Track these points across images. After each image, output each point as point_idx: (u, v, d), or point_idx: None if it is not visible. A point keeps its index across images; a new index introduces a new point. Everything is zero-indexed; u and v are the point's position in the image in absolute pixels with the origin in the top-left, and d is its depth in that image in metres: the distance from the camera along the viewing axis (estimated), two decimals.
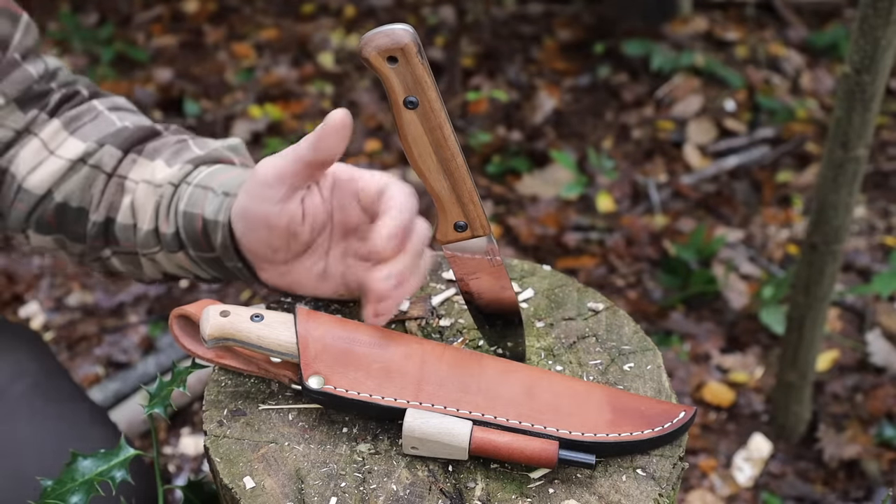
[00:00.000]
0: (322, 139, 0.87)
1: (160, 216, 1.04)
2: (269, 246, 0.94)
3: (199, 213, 1.00)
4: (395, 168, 3.06)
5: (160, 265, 1.09)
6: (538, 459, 0.81)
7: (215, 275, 1.07)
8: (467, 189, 0.85)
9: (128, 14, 4.00)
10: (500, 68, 3.60)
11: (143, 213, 1.05)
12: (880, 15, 1.54)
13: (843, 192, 1.76)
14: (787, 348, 2.02)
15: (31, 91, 1.09)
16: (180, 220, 1.02)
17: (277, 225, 0.92)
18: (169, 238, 1.04)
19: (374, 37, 0.79)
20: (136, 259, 1.10)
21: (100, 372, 2.35)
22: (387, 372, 0.86)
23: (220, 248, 1.00)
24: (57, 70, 1.15)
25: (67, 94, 1.12)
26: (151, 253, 1.07)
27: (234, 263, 1.01)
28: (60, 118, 1.09)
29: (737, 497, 2.04)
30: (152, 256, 1.08)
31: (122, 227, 1.07)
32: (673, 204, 2.93)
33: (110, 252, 1.11)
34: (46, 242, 1.12)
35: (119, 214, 1.07)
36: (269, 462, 0.84)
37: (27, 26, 1.10)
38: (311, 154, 0.88)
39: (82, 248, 1.12)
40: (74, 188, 1.07)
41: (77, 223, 1.09)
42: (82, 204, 1.07)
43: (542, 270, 1.09)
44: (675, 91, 3.40)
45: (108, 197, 1.07)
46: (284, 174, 0.89)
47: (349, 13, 4.03)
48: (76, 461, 0.94)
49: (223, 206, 0.98)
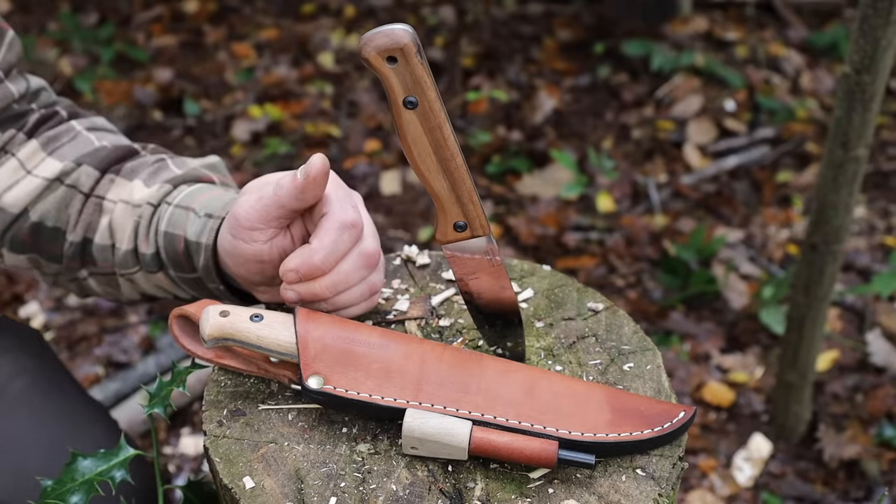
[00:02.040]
0: (304, 191, 0.89)
1: (139, 236, 1.04)
2: (262, 275, 0.96)
3: (180, 234, 1.01)
4: (395, 168, 3.06)
5: (138, 286, 1.09)
6: (538, 459, 0.81)
7: (195, 294, 1.07)
8: (467, 189, 0.85)
9: (128, 14, 4.00)
10: (500, 68, 3.60)
11: (122, 233, 1.05)
12: (880, 15, 1.54)
13: (843, 192, 1.76)
14: (787, 348, 2.02)
15: (10, 110, 1.09)
16: (161, 241, 1.02)
17: (270, 259, 0.94)
18: (148, 258, 1.04)
19: (373, 37, 0.79)
20: (114, 280, 1.10)
21: (100, 372, 2.35)
22: (386, 372, 0.86)
23: (202, 270, 1.00)
24: (39, 90, 1.15)
25: (46, 114, 1.12)
26: (129, 273, 1.07)
27: (215, 286, 1.02)
28: (38, 139, 1.09)
29: (737, 497, 2.04)
30: (130, 277, 1.08)
31: (100, 248, 1.07)
32: (673, 204, 2.93)
33: (87, 273, 1.11)
34: (20, 262, 1.12)
35: (97, 235, 1.07)
36: (269, 462, 0.84)
37: (11, 43, 1.09)
38: (294, 203, 0.90)
39: (58, 268, 1.12)
40: (50, 208, 1.07)
41: (53, 243, 1.08)
42: (58, 224, 1.07)
43: (541, 270, 1.09)
44: (675, 91, 3.40)
45: (86, 217, 1.07)
46: (268, 218, 0.91)
47: (349, 13, 4.03)
48: (76, 461, 0.94)
49: (206, 229, 0.99)
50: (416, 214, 2.88)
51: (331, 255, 0.91)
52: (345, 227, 0.91)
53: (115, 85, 3.48)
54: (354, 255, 0.93)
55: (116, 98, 3.42)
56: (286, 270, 0.91)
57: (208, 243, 0.98)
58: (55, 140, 1.10)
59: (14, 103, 1.10)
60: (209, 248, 0.98)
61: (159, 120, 3.35)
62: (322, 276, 0.91)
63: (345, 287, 0.94)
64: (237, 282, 1.02)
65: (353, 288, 0.95)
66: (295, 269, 0.90)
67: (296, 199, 0.90)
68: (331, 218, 0.91)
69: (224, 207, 0.99)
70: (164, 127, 3.31)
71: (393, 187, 2.99)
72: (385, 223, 2.85)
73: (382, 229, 2.81)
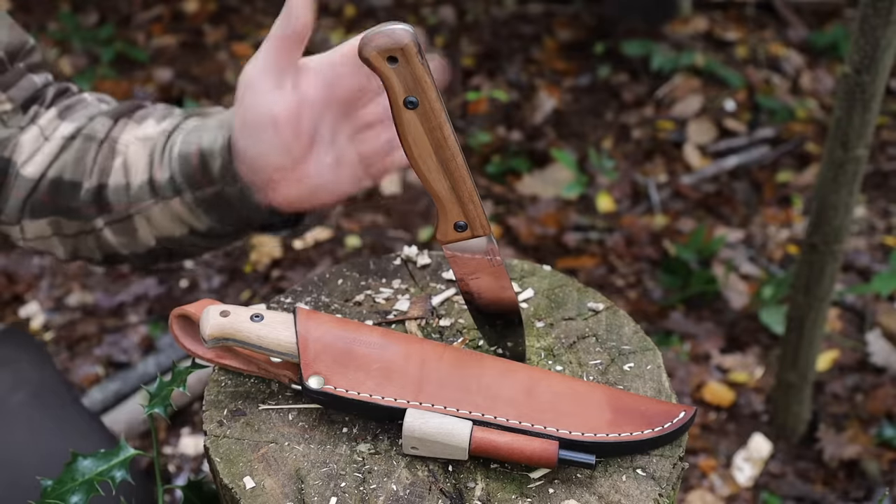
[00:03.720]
0: (291, 10, 0.90)
1: (154, 164, 1.05)
2: (277, 147, 0.94)
3: (194, 149, 1.01)
4: None
5: (155, 224, 1.08)
6: (538, 459, 0.81)
7: (212, 223, 1.06)
8: (467, 189, 0.85)
9: (128, 14, 4.00)
10: (500, 68, 3.60)
11: (136, 167, 1.06)
12: (880, 15, 1.54)
13: (843, 192, 1.76)
14: (787, 348, 2.02)
15: (34, 96, 1.14)
16: (175, 164, 1.02)
17: (280, 114, 0.93)
18: (164, 184, 1.04)
19: (374, 37, 0.79)
20: (130, 224, 1.09)
21: (100, 372, 2.35)
22: (387, 372, 0.86)
23: (218, 174, 0.99)
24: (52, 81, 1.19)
25: (61, 89, 1.17)
26: (145, 208, 1.07)
27: (236, 188, 1.00)
28: (56, 107, 1.13)
29: (737, 497, 2.04)
30: (147, 213, 1.07)
31: (115, 189, 1.08)
32: (673, 204, 2.93)
33: (103, 222, 1.10)
34: (41, 228, 1.13)
35: (111, 178, 1.08)
36: (269, 462, 0.84)
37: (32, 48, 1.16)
38: (284, 29, 0.91)
39: (77, 225, 1.12)
40: (69, 161, 1.09)
41: (71, 197, 1.10)
42: (75, 176, 1.09)
43: (542, 270, 1.09)
44: (675, 91, 3.40)
45: (101, 162, 1.08)
46: (267, 61, 0.92)
47: (349, 13, 4.03)
48: (76, 461, 0.94)
49: (219, 134, 0.99)
50: (416, 214, 2.88)
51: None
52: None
53: (115, 85, 3.48)
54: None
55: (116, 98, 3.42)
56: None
57: (223, 143, 0.98)
58: (70, 108, 1.14)
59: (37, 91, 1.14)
60: (225, 149, 0.98)
61: None
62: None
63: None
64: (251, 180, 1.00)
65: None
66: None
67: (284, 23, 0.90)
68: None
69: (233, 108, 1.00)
70: None
71: (393, 187, 2.99)
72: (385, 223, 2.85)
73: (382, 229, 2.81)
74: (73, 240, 1.14)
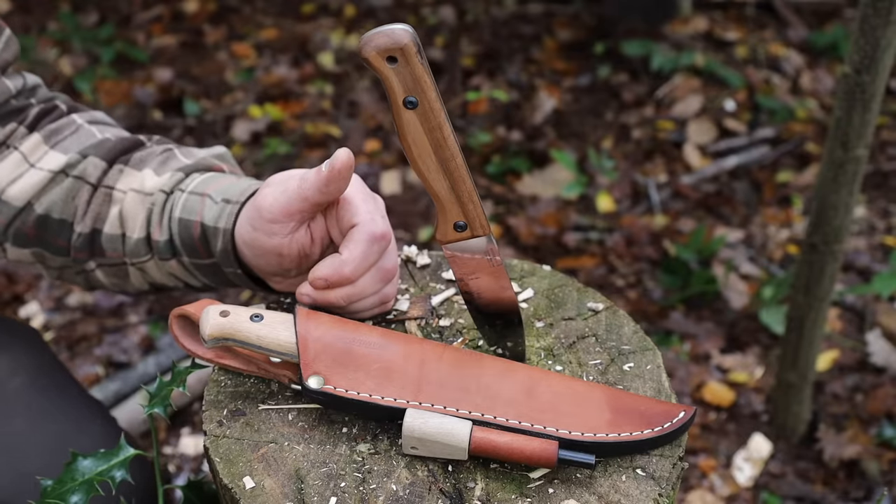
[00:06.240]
0: (329, 183, 0.89)
1: (152, 223, 1.04)
2: (279, 267, 0.97)
3: (196, 219, 1.00)
4: (395, 168, 3.06)
5: (149, 274, 1.09)
6: (538, 459, 0.81)
7: (207, 282, 1.08)
8: (467, 189, 0.85)
9: (128, 14, 4.00)
10: (500, 68, 3.60)
11: (133, 222, 1.05)
12: (880, 15, 1.54)
13: (843, 192, 1.76)
14: (787, 348, 2.02)
15: (8, 105, 1.09)
16: (175, 227, 1.02)
17: (289, 254, 0.94)
18: (162, 245, 1.04)
19: (373, 37, 0.79)
20: (123, 270, 1.10)
21: (100, 372, 2.35)
22: (386, 372, 0.86)
23: (220, 255, 1.00)
24: (36, 87, 1.15)
25: (46, 108, 1.12)
26: (141, 262, 1.07)
27: (233, 269, 1.01)
28: (40, 132, 1.09)
29: (737, 497, 2.04)
30: (141, 266, 1.08)
31: (110, 238, 1.07)
32: (673, 204, 2.93)
33: (95, 264, 1.10)
34: (24, 256, 1.12)
35: (106, 225, 1.07)
36: (269, 462, 0.84)
37: (7, 41, 1.10)
38: (317, 197, 0.90)
39: (63, 261, 1.11)
40: (56, 199, 1.06)
41: (59, 235, 1.08)
42: (64, 216, 1.07)
43: (541, 270, 1.09)
44: (675, 91, 3.40)
45: (95, 207, 1.06)
46: (291, 212, 0.91)
47: (349, 13, 4.03)
48: (76, 461, 0.94)
49: (224, 214, 0.99)
50: (416, 214, 2.88)
51: (360, 267, 0.91)
52: (375, 240, 0.91)
53: (115, 85, 3.48)
54: (374, 269, 0.93)
55: (116, 98, 3.42)
56: (315, 278, 0.91)
57: (227, 227, 0.98)
58: (57, 133, 1.10)
59: (12, 99, 1.10)
60: (228, 233, 0.98)
61: (159, 120, 3.35)
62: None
63: (359, 298, 0.94)
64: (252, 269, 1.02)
65: (366, 299, 0.96)
66: (324, 277, 0.91)
67: (319, 191, 0.90)
68: (361, 229, 0.91)
69: (242, 193, 0.99)
70: (164, 127, 3.31)
71: (393, 187, 2.99)
72: None
73: None
74: (58, 270, 1.15)
